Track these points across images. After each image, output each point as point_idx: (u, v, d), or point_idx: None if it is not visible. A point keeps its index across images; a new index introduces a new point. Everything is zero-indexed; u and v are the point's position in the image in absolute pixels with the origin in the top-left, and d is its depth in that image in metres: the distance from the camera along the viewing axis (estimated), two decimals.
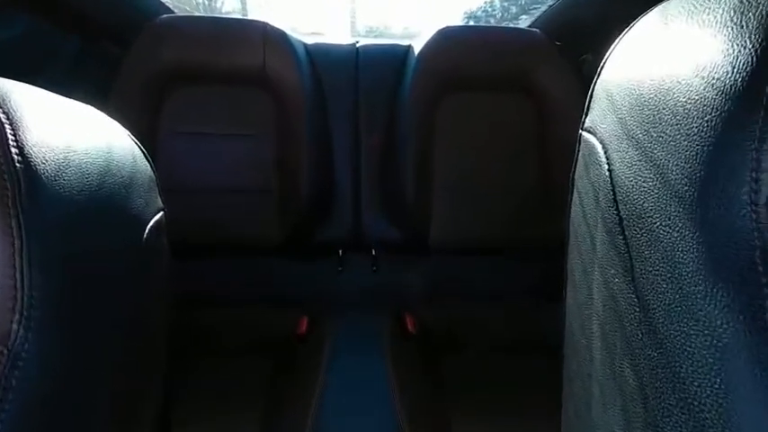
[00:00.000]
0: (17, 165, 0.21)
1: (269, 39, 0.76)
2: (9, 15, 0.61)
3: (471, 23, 1.46)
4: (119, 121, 0.34)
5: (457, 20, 1.51)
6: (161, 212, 0.37)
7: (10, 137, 0.21)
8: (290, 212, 0.79)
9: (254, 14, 1.61)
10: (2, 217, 0.20)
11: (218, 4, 1.56)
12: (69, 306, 0.23)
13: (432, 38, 0.80)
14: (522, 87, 0.83)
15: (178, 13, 0.87)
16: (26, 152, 0.21)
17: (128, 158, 0.32)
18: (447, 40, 0.79)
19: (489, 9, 1.42)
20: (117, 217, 0.29)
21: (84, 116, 0.30)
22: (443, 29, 0.80)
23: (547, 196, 0.84)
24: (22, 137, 0.21)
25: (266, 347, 0.77)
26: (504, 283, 0.86)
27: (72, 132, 0.26)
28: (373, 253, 0.88)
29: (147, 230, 0.33)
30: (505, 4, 1.33)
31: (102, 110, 0.33)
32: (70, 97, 0.30)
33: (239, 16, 1.37)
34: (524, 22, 0.97)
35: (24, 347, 0.21)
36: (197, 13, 1.14)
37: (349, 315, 0.79)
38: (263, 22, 0.77)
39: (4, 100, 0.22)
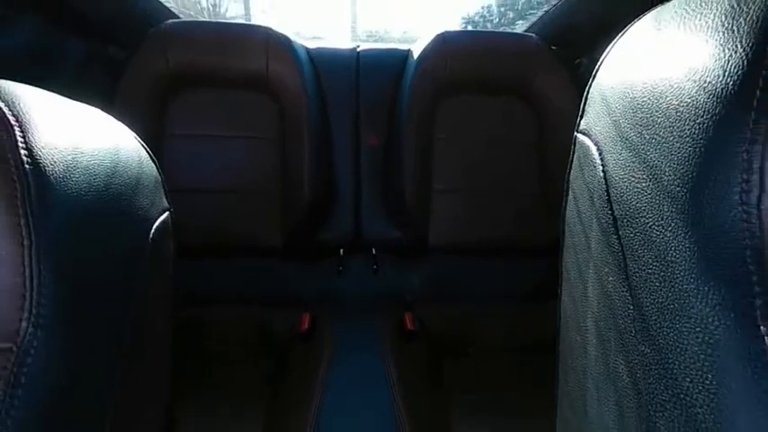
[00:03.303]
0: (26, 166, 0.21)
1: (272, 43, 0.76)
2: (16, 22, 0.61)
3: (469, 28, 1.47)
4: (125, 124, 0.35)
5: (455, 24, 1.51)
6: (167, 212, 0.37)
7: (19, 139, 0.21)
8: (291, 213, 0.79)
9: (257, 19, 1.62)
10: (12, 217, 0.20)
11: (223, 10, 1.56)
12: (77, 304, 0.23)
13: (430, 42, 0.80)
14: (520, 91, 0.82)
15: (183, 18, 0.87)
16: (35, 154, 0.22)
17: (134, 159, 0.32)
18: (445, 44, 0.80)
19: (487, 14, 1.43)
20: (124, 217, 0.29)
21: (90, 119, 0.30)
22: (442, 33, 0.80)
23: (546, 198, 0.84)
24: (31, 139, 0.22)
25: (269, 345, 0.77)
26: (504, 283, 0.86)
27: (79, 134, 0.26)
28: (373, 253, 0.88)
29: (153, 230, 0.33)
30: (503, 9, 1.34)
31: (108, 113, 0.33)
32: (77, 101, 0.30)
33: (243, 21, 1.37)
34: (521, 27, 0.97)
35: (33, 345, 0.21)
36: (201, 18, 1.15)
37: (350, 314, 0.78)
38: (266, 27, 0.78)
39: (13, 102, 0.22)
